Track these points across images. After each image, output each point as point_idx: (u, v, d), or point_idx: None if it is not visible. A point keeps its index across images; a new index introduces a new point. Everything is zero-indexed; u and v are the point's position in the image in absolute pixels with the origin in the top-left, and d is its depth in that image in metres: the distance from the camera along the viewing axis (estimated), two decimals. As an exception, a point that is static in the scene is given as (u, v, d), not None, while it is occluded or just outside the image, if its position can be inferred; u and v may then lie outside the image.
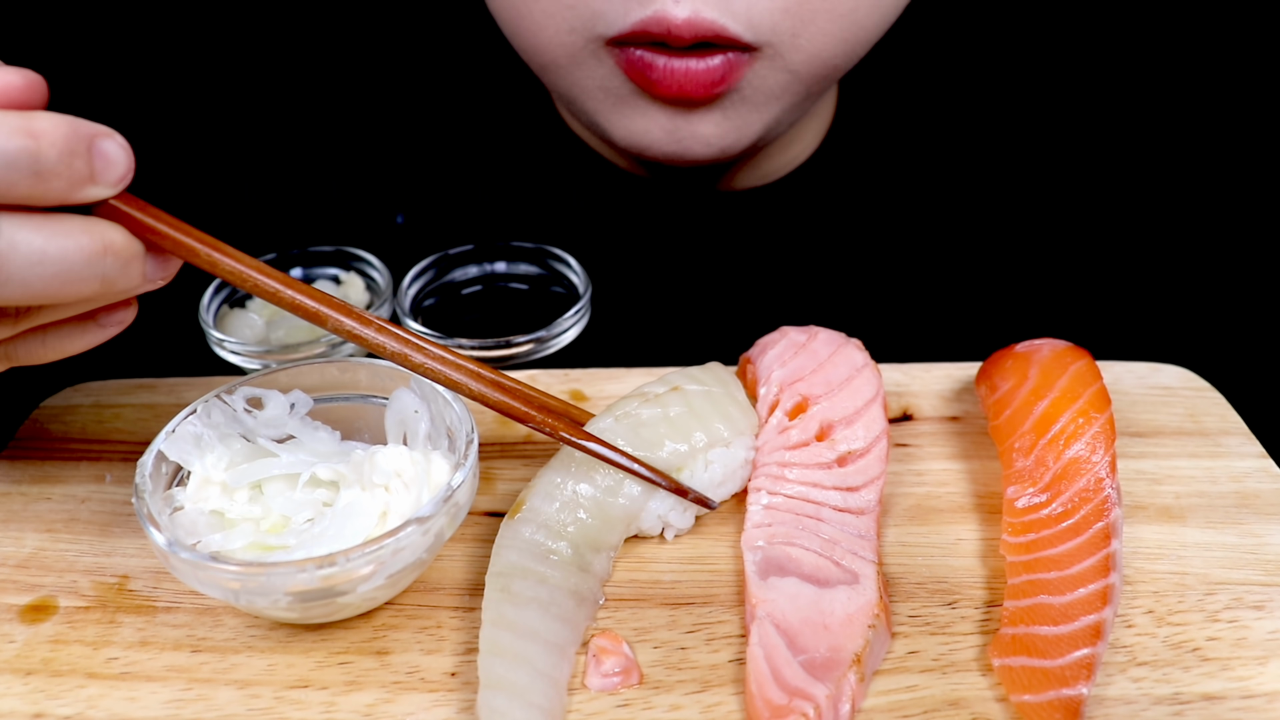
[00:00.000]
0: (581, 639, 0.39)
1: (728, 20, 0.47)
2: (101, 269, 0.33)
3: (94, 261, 0.32)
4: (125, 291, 0.35)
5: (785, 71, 0.50)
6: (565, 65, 0.52)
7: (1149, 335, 0.57)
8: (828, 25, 0.49)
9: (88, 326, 0.37)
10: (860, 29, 0.51)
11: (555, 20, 0.50)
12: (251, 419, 0.42)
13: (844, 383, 0.45)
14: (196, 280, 0.57)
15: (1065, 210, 0.65)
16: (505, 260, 0.61)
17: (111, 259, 0.33)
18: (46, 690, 0.38)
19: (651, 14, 0.47)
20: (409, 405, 0.43)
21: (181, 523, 0.39)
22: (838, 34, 0.50)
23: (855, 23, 0.50)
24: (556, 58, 0.52)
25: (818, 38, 0.49)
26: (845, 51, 0.51)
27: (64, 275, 0.32)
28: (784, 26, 0.48)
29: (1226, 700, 0.37)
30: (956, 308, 0.61)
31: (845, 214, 0.64)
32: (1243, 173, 0.70)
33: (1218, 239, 0.66)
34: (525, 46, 0.53)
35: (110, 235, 0.33)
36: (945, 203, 0.65)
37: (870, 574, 0.40)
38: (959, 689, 0.37)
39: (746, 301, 0.60)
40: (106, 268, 0.33)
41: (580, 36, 0.50)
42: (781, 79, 0.51)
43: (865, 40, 0.52)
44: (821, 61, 0.51)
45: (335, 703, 0.37)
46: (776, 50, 0.49)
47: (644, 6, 0.47)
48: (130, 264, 0.34)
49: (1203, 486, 0.46)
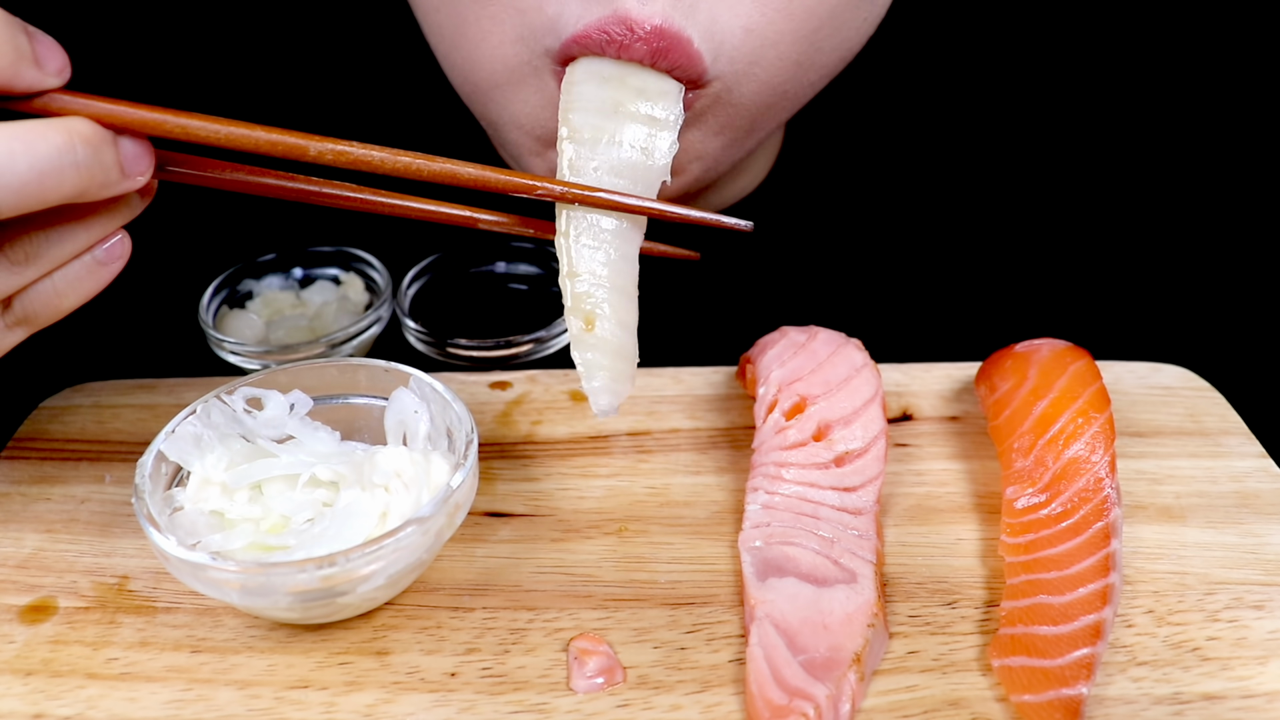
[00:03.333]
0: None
1: (694, 33, 0.42)
2: (74, 157, 0.34)
3: (65, 151, 0.33)
4: (106, 185, 0.35)
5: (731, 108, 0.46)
6: (502, 84, 0.47)
7: (1149, 335, 0.57)
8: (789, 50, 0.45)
9: (89, 265, 0.38)
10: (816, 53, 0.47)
11: (502, 28, 0.45)
12: (251, 419, 0.42)
13: (843, 383, 0.45)
14: (196, 280, 0.57)
15: (1065, 210, 0.65)
16: (505, 260, 0.61)
17: (81, 145, 0.34)
18: (46, 691, 0.38)
19: (612, 12, 0.42)
20: (409, 405, 0.43)
21: (181, 523, 0.39)
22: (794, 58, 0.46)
23: (814, 46, 0.46)
24: (494, 74, 0.47)
25: (774, 64, 0.45)
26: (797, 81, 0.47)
27: (39, 169, 0.33)
28: (744, 50, 0.44)
29: (1226, 700, 0.37)
30: (956, 308, 0.61)
31: (845, 214, 0.64)
32: (1243, 173, 0.70)
33: (1218, 239, 0.66)
34: (462, 62, 0.49)
35: (74, 125, 0.34)
36: (946, 203, 0.65)
37: (869, 573, 0.40)
38: (959, 689, 0.37)
39: (746, 301, 0.60)
40: (79, 156, 0.34)
41: (526, 48, 0.45)
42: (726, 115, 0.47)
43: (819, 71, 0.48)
44: (773, 93, 0.47)
45: (335, 703, 0.37)
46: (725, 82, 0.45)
47: (605, 4, 0.42)
48: (102, 149, 0.35)
49: (1203, 486, 0.46)
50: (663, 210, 0.41)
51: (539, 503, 0.46)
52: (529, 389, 0.52)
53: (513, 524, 0.45)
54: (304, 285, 0.59)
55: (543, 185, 0.40)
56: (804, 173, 0.64)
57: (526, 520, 0.45)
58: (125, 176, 0.36)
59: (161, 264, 0.61)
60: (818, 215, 0.63)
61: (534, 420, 0.50)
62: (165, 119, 0.36)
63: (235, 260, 0.58)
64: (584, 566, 0.43)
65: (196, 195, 0.64)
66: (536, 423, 0.50)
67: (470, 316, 0.58)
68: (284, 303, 0.58)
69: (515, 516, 0.45)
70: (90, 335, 0.59)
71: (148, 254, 0.62)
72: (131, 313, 0.60)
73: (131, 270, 0.61)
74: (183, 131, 0.36)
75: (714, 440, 0.49)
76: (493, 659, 0.39)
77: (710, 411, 0.50)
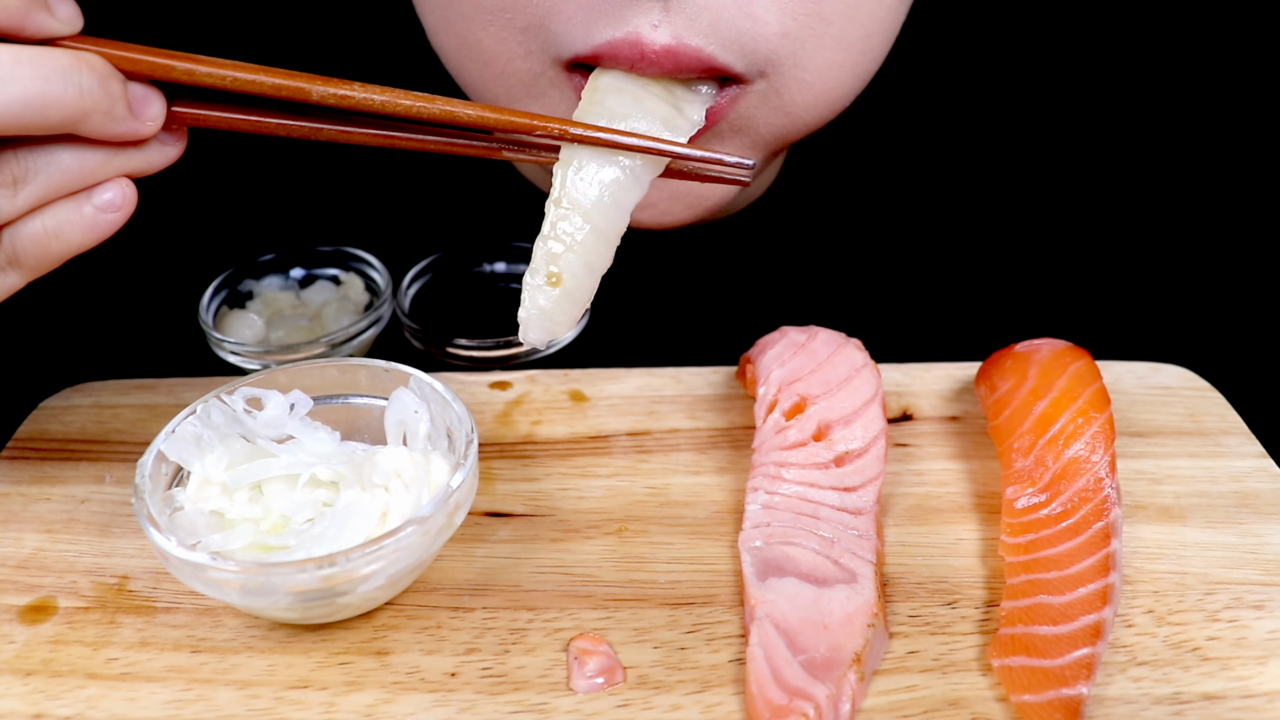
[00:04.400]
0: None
1: (715, 49, 0.40)
2: (79, 79, 0.34)
3: (70, 71, 0.34)
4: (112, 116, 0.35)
5: (780, 113, 0.45)
6: (521, 99, 0.46)
7: (1149, 335, 0.57)
8: (835, 55, 0.43)
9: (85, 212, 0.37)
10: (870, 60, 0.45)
11: (508, 47, 0.44)
12: (251, 419, 0.42)
13: (843, 383, 0.45)
14: (196, 280, 0.57)
15: (1065, 210, 0.65)
16: (505, 260, 0.61)
17: (88, 71, 0.34)
18: (46, 691, 0.38)
19: (622, 36, 0.40)
20: (409, 405, 0.43)
21: (181, 523, 0.39)
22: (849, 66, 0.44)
23: (865, 52, 0.44)
24: (511, 89, 0.46)
25: (825, 71, 0.43)
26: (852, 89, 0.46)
27: (41, 80, 0.33)
28: (783, 54, 0.42)
29: (1226, 700, 0.37)
30: (956, 308, 0.61)
31: (845, 213, 0.64)
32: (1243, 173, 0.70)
33: (1218, 239, 0.66)
34: (473, 81, 0.48)
35: (85, 55, 0.34)
36: (946, 202, 0.65)
37: (868, 573, 0.40)
38: (959, 689, 0.37)
39: (746, 301, 0.60)
40: (84, 79, 0.34)
41: (538, 61, 0.44)
42: (775, 121, 0.45)
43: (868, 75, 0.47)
44: (830, 102, 0.45)
45: (335, 703, 0.37)
46: (771, 84, 0.43)
47: (612, 25, 0.40)
48: (109, 81, 0.35)
49: (1203, 486, 0.46)
50: (662, 149, 0.39)
51: (539, 503, 0.46)
52: (529, 389, 0.52)
53: (513, 524, 0.45)
54: (304, 285, 0.59)
55: (543, 124, 0.39)
56: (805, 173, 0.64)
57: (526, 520, 0.45)
58: (133, 116, 0.36)
59: (161, 264, 0.61)
60: (818, 215, 0.63)
61: (534, 420, 0.50)
62: (173, 63, 0.36)
63: (235, 260, 0.58)
64: (584, 566, 0.43)
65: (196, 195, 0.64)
66: (536, 423, 0.50)
67: (470, 316, 0.58)
68: (284, 303, 0.58)
69: (515, 516, 0.45)
70: (90, 335, 0.59)
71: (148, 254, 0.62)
72: (131, 313, 0.60)
73: (132, 270, 0.61)
74: (189, 75, 0.37)
75: (714, 440, 0.49)
76: (493, 659, 0.39)
77: (710, 411, 0.50)
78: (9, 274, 0.37)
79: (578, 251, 0.39)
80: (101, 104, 0.35)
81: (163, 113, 0.37)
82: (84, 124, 0.35)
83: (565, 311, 0.40)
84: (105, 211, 0.37)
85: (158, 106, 0.37)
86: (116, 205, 0.37)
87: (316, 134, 0.40)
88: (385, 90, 0.38)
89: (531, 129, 0.39)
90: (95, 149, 0.36)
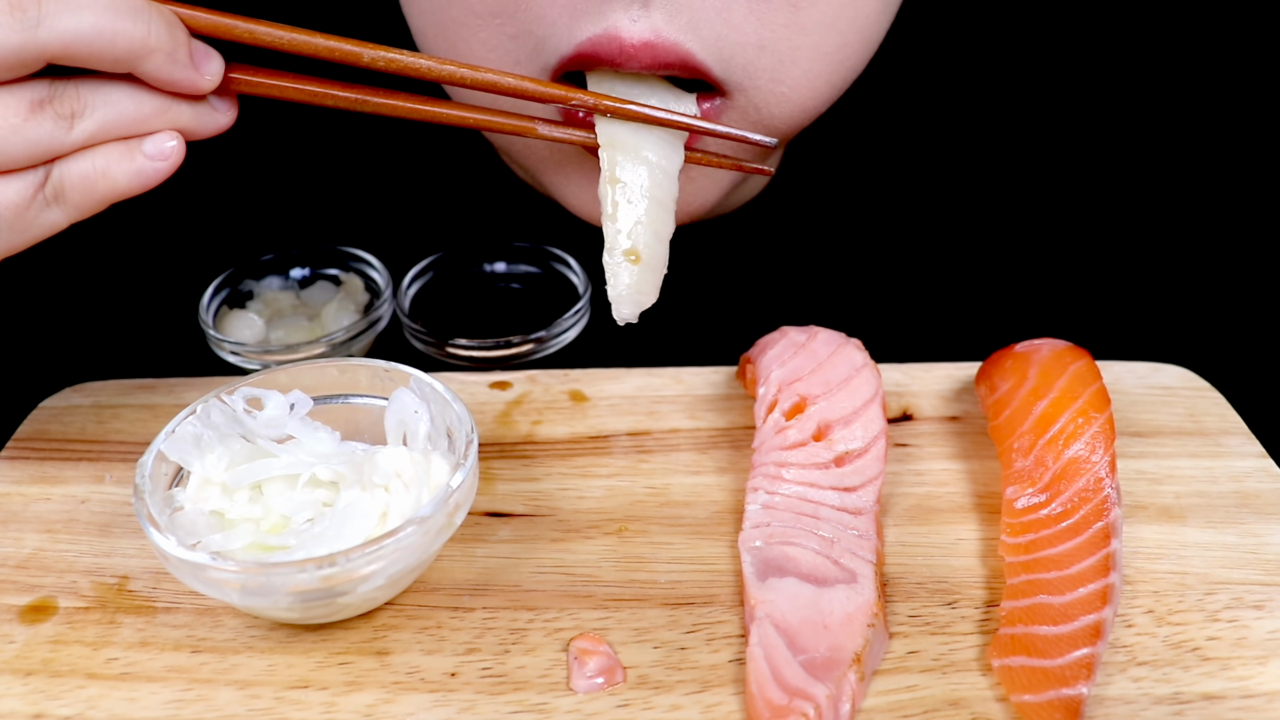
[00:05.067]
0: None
1: (694, 45, 0.41)
2: (147, 19, 0.35)
3: (140, 10, 0.35)
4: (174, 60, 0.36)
5: (759, 127, 0.45)
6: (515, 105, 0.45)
7: (1149, 335, 0.57)
8: (812, 66, 0.43)
9: (135, 154, 0.38)
10: (847, 70, 0.46)
11: (497, 54, 0.44)
12: (251, 419, 0.42)
13: (843, 383, 0.45)
14: (196, 280, 0.57)
15: (1065, 210, 0.65)
16: (505, 260, 0.61)
17: (156, 14, 0.36)
18: (46, 691, 0.38)
19: (602, 31, 0.41)
20: (409, 405, 0.43)
21: (181, 523, 0.39)
22: (826, 77, 0.44)
23: (842, 63, 0.44)
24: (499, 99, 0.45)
25: (802, 83, 0.44)
26: (828, 99, 0.46)
27: (113, 14, 0.34)
28: (760, 67, 0.43)
29: (1226, 700, 0.37)
30: (956, 308, 0.61)
31: (846, 213, 0.64)
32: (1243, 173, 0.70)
33: (1217, 239, 0.66)
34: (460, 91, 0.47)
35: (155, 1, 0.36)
36: (946, 202, 0.65)
37: (868, 573, 0.40)
38: (959, 689, 0.37)
39: (746, 301, 0.60)
40: (152, 20, 0.36)
41: (526, 72, 0.44)
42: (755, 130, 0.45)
43: (845, 84, 0.47)
44: (805, 113, 0.46)
45: (335, 703, 0.37)
46: (750, 99, 0.44)
47: (593, 22, 0.41)
48: (174, 28, 0.36)
49: (1203, 486, 0.46)
50: (690, 124, 0.42)
51: (539, 503, 0.46)
52: (529, 389, 0.52)
53: (513, 524, 0.45)
54: (304, 285, 0.59)
55: (576, 96, 0.42)
56: (804, 173, 0.64)
57: (526, 520, 0.45)
58: (194, 67, 0.37)
59: (161, 264, 0.61)
60: (818, 215, 0.63)
61: (534, 420, 0.50)
62: (235, 23, 0.38)
63: (235, 260, 0.58)
64: (584, 566, 0.43)
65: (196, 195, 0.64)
66: (536, 423, 0.50)
67: (470, 316, 0.58)
68: (284, 303, 0.58)
69: (515, 516, 0.45)
70: (90, 335, 0.59)
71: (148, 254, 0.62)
72: (131, 313, 0.60)
73: (132, 270, 0.61)
74: (250, 35, 0.39)
75: (714, 440, 0.49)
76: (493, 659, 0.39)
77: (710, 411, 0.50)
78: (53, 209, 0.38)
79: (645, 224, 0.42)
80: (166, 44, 0.36)
81: (221, 70, 0.38)
82: (146, 62, 0.36)
83: (648, 282, 0.42)
84: (155, 159, 0.38)
85: (217, 64, 0.38)
86: (166, 155, 0.38)
87: (363, 105, 0.42)
88: (431, 58, 0.41)
89: (566, 99, 0.42)
90: (152, 95, 0.38)
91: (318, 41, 0.39)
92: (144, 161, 0.38)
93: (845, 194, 0.64)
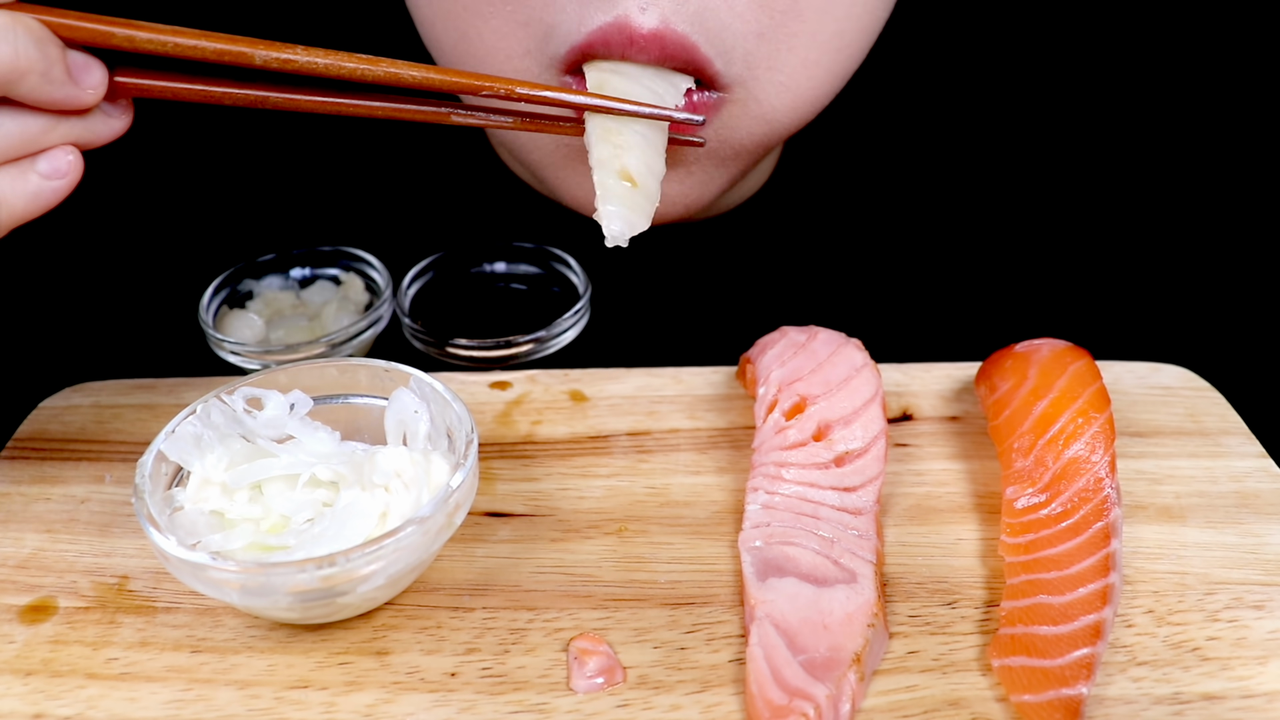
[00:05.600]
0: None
1: (699, 39, 0.42)
2: (14, 40, 0.33)
3: (5, 30, 0.33)
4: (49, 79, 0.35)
5: (760, 121, 0.45)
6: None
7: (1149, 335, 0.57)
8: (809, 54, 0.44)
9: (30, 178, 0.36)
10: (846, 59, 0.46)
11: (508, 43, 0.44)
12: (251, 419, 0.42)
13: (843, 383, 0.45)
14: (196, 280, 0.57)
15: (1065, 210, 0.66)
16: (505, 260, 0.61)
17: (23, 31, 0.34)
18: (46, 691, 0.38)
19: (612, 20, 0.41)
20: (409, 405, 0.43)
21: (181, 523, 0.39)
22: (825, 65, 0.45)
23: (840, 50, 0.44)
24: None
25: (800, 72, 0.44)
26: (828, 90, 0.46)
27: None
28: (759, 56, 0.43)
29: (1226, 700, 0.37)
30: (956, 308, 0.61)
31: (846, 212, 0.64)
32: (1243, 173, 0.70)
33: (1217, 239, 0.66)
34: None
35: (21, 15, 0.34)
36: (946, 202, 0.65)
37: (868, 573, 0.40)
38: (959, 689, 0.37)
39: (746, 301, 0.60)
40: (19, 40, 0.33)
41: (535, 61, 0.44)
42: (755, 129, 0.46)
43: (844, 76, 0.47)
44: (806, 104, 0.46)
45: (335, 703, 0.37)
46: (750, 91, 0.44)
47: (604, 11, 0.41)
48: (47, 44, 0.34)
49: (1203, 486, 0.46)
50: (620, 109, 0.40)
51: (539, 503, 0.46)
52: (529, 389, 0.52)
53: (513, 524, 0.45)
54: (304, 285, 0.59)
55: (488, 84, 0.40)
56: (804, 173, 0.64)
57: (526, 520, 0.45)
58: (72, 81, 0.35)
59: (161, 264, 0.62)
60: (817, 215, 0.63)
61: (534, 420, 0.50)
62: (112, 29, 0.36)
63: (235, 260, 0.58)
64: (584, 566, 0.43)
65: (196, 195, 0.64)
66: (536, 423, 0.50)
67: (470, 316, 0.58)
68: (284, 303, 0.58)
69: (515, 516, 0.45)
70: (90, 335, 0.59)
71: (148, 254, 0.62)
72: (131, 313, 0.60)
73: (132, 270, 0.61)
74: (129, 41, 0.36)
75: (714, 440, 0.49)
76: (493, 659, 0.39)
77: (710, 411, 0.50)
78: None
79: (637, 151, 0.40)
80: (38, 65, 0.34)
81: (104, 81, 0.36)
82: (20, 85, 0.34)
83: (640, 206, 0.40)
84: (51, 178, 0.37)
85: (98, 74, 0.36)
86: (63, 171, 0.37)
87: (263, 102, 0.40)
88: (329, 53, 0.38)
89: (478, 90, 0.40)
90: (36, 116, 0.36)
91: (204, 44, 0.37)
92: (39, 182, 0.36)
93: (844, 194, 0.64)
